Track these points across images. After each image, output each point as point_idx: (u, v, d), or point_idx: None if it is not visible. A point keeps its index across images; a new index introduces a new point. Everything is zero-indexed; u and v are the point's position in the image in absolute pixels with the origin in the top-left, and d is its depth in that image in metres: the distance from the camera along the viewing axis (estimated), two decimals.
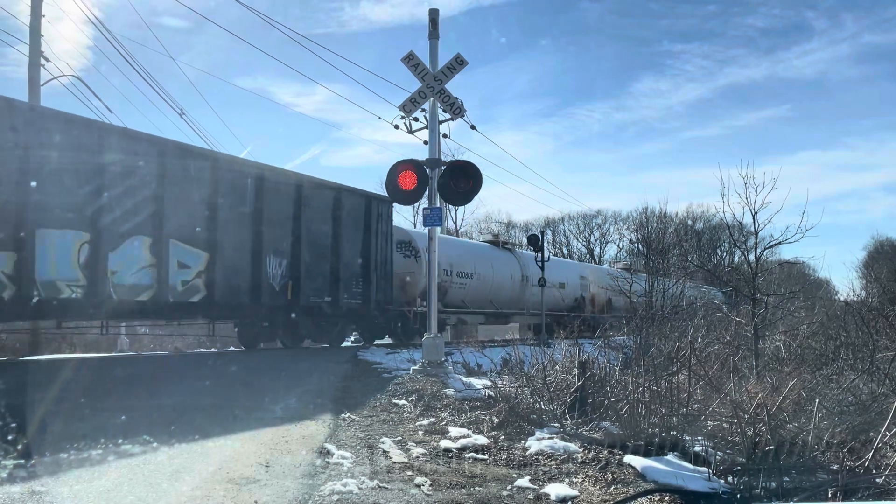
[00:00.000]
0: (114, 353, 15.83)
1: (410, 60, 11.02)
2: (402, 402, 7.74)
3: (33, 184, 9.80)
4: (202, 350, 17.19)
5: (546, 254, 24.79)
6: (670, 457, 5.05)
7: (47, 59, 16.49)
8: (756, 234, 9.81)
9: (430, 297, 11.33)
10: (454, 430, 6.11)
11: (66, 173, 10.38)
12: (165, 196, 11.86)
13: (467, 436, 5.86)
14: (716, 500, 4.27)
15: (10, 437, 5.28)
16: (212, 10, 71.00)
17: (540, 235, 25.10)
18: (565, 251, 56.98)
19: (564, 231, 60.05)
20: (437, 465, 4.98)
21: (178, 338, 20.39)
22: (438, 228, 11.73)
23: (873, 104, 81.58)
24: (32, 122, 10.03)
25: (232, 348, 16.73)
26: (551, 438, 5.71)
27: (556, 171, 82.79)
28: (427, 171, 10.92)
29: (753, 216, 9.41)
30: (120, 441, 5.25)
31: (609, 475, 4.68)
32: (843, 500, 4.12)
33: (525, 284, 25.58)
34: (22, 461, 4.61)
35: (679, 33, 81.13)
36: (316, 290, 15.60)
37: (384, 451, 5.26)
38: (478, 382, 8.95)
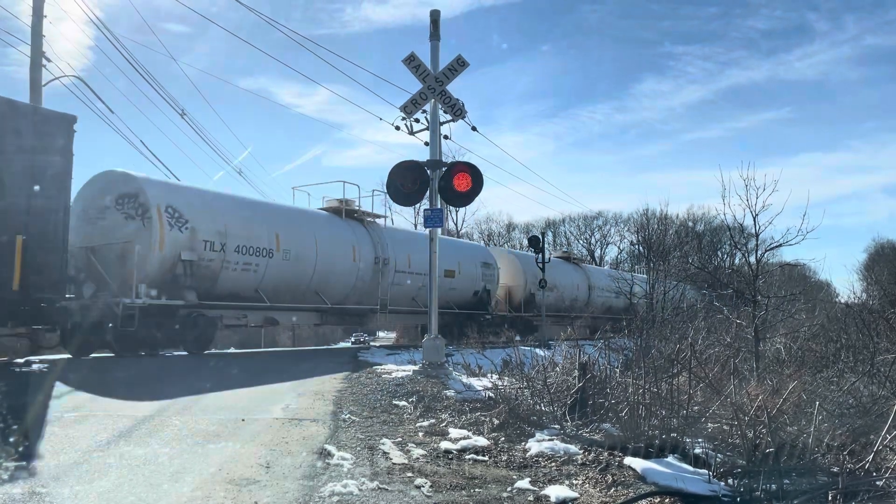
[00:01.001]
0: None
1: (411, 62, 11.02)
2: (403, 403, 7.74)
3: None
4: None
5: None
6: (670, 459, 5.04)
7: (49, 60, 16.51)
8: (757, 236, 9.83)
9: (430, 296, 11.34)
10: (454, 432, 6.11)
11: None
12: None
13: (467, 437, 5.86)
14: (716, 502, 4.27)
15: (10, 439, 5.29)
16: (214, 11, 71.07)
17: (541, 237, 25.07)
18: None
19: (565, 232, 60.14)
20: (437, 466, 4.98)
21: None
22: (439, 230, 11.74)
23: (875, 106, 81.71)
24: None
25: (232, 349, 16.65)
26: (551, 440, 5.70)
27: (557, 173, 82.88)
28: (428, 172, 10.93)
29: (754, 218, 9.42)
30: (129, 435, 5.26)
31: (609, 477, 4.68)
32: (844, 502, 4.12)
33: (382, 270, 18.67)
34: (23, 462, 4.61)
35: (680, 35, 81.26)
36: None
37: (384, 453, 5.26)
38: (478, 384, 8.94)
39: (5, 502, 3.77)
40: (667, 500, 4.21)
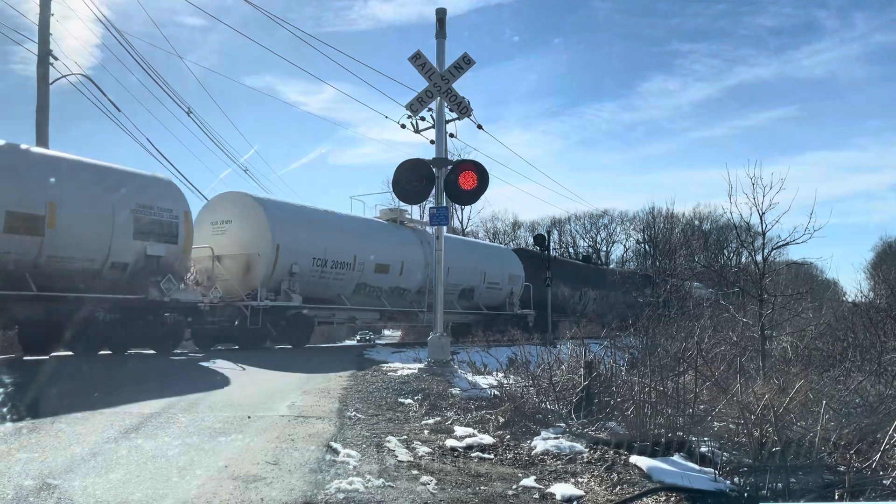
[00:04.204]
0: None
1: (417, 60, 11.03)
2: (408, 401, 7.75)
3: None
4: None
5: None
6: (676, 457, 5.03)
7: (55, 58, 16.60)
8: (763, 234, 9.76)
9: (436, 295, 11.34)
10: (460, 430, 6.11)
11: None
12: None
13: (473, 435, 5.86)
14: (722, 498, 4.26)
15: (28, 428, 5.33)
16: (220, 8, 71.23)
17: (546, 235, 25.05)
18: (571, 251, 56.86)
19: (571, 231, 59.97)
20: (442, 464, 4.99)
21: None
22: (445, 228, 11.75)
23: (883, 104, 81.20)
24: None
25: (237, 347, 16.63)
26: (557, 438, 5.71)
27: (564, 171, 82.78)
28: (434, 170, 10.94)
29: (761, 217, 9.34)
30: (132, 435, 5.29)
31: (615, 475, 4.68)
32: (850, 500, 4.10)
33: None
34: (35, 455, 4.64)
35: (688, 32, 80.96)
36: None
37: (390, 450, 5.27)
38: (483, 382, 8.95)
39: (18, 494, 3.79)
40: (672, 498, 4.21)
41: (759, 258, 10.31)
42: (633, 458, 4.98)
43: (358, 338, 39.17)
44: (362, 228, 19.58)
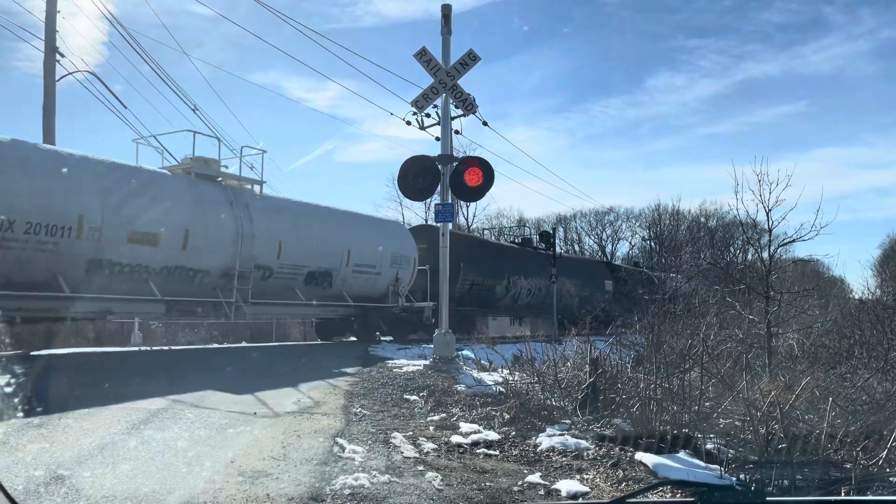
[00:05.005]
0: (128, 348, 15.96)
1: (423, 56, 11.03)
2: (414, 397, 7.76)
3: None
4: None
5: None
6: (682, 454, 5.04)
7: (62, 55, 16.64)
8: (770, 231, 9.72)
9: (441, 292, 11.35)
10: (465, 426, 6.12)
11: None
12: None
13: (478, 431, 5.87)
14: (728, 492, 4.26)
15: (36, 423, 5.37)
16: (225, 5, 71.35)
17: (552, 232, 25.01)
18: (577, 248, 56.76)
19: (577, 228, 59.82)
20: (448, 460, 5.00)
21: (189, 332, 20.61)
22: (450, 224, 11.76)
23: (892, 100, 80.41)
24: None
25: (244, 343, 16.72)
26: (562, 435, 5.71)
27: (569, 168, 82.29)
28: (439, 167, 10.94)
29: (767, 214, 9.31)
30: (142, 427, 5.33)
31: (620, 472, 4.68)
32: (857, 496, 4.10)
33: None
34: (46, 446, 4.68)
35: (694, 28, 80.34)
36: None
37: (395, 446, 5.28)
38: (489, 378, 8.96)
39: (28, 485, 3.82)
40: (678, 493, 4.21)
41: (765, 255, 10.28)
42: (639, 455, 4.98)
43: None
44: (101, 175, 11.67)
